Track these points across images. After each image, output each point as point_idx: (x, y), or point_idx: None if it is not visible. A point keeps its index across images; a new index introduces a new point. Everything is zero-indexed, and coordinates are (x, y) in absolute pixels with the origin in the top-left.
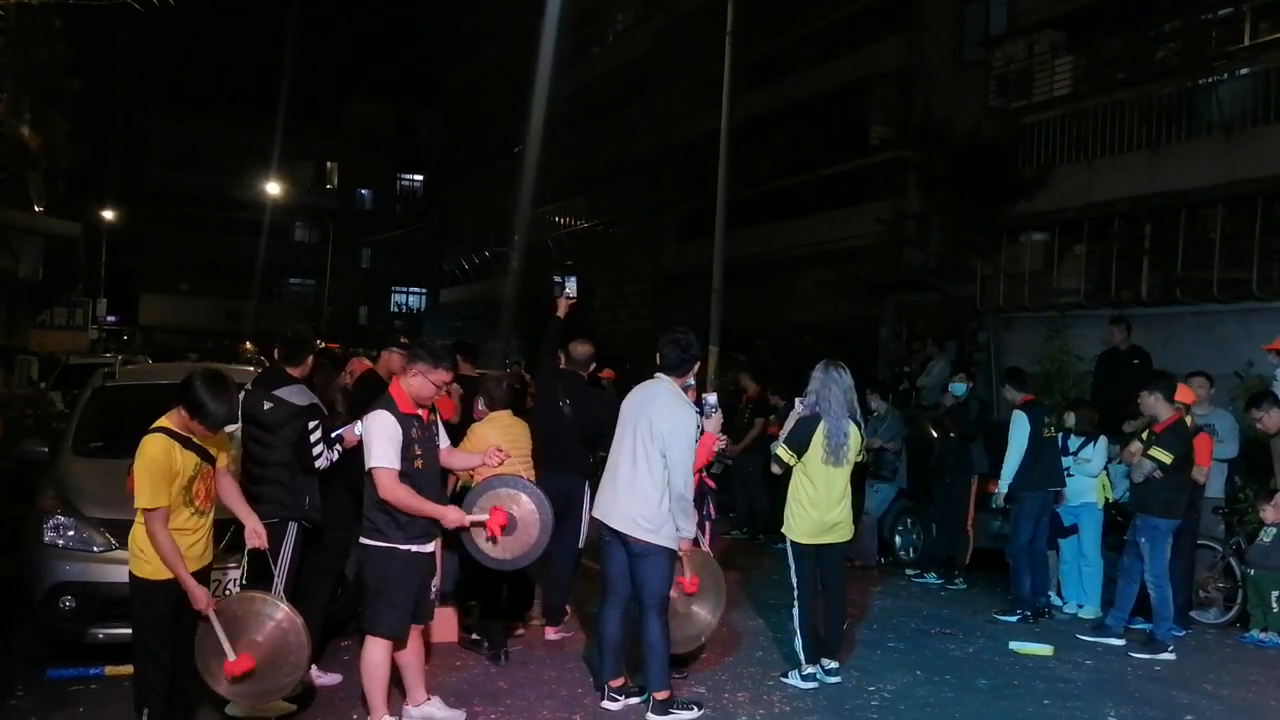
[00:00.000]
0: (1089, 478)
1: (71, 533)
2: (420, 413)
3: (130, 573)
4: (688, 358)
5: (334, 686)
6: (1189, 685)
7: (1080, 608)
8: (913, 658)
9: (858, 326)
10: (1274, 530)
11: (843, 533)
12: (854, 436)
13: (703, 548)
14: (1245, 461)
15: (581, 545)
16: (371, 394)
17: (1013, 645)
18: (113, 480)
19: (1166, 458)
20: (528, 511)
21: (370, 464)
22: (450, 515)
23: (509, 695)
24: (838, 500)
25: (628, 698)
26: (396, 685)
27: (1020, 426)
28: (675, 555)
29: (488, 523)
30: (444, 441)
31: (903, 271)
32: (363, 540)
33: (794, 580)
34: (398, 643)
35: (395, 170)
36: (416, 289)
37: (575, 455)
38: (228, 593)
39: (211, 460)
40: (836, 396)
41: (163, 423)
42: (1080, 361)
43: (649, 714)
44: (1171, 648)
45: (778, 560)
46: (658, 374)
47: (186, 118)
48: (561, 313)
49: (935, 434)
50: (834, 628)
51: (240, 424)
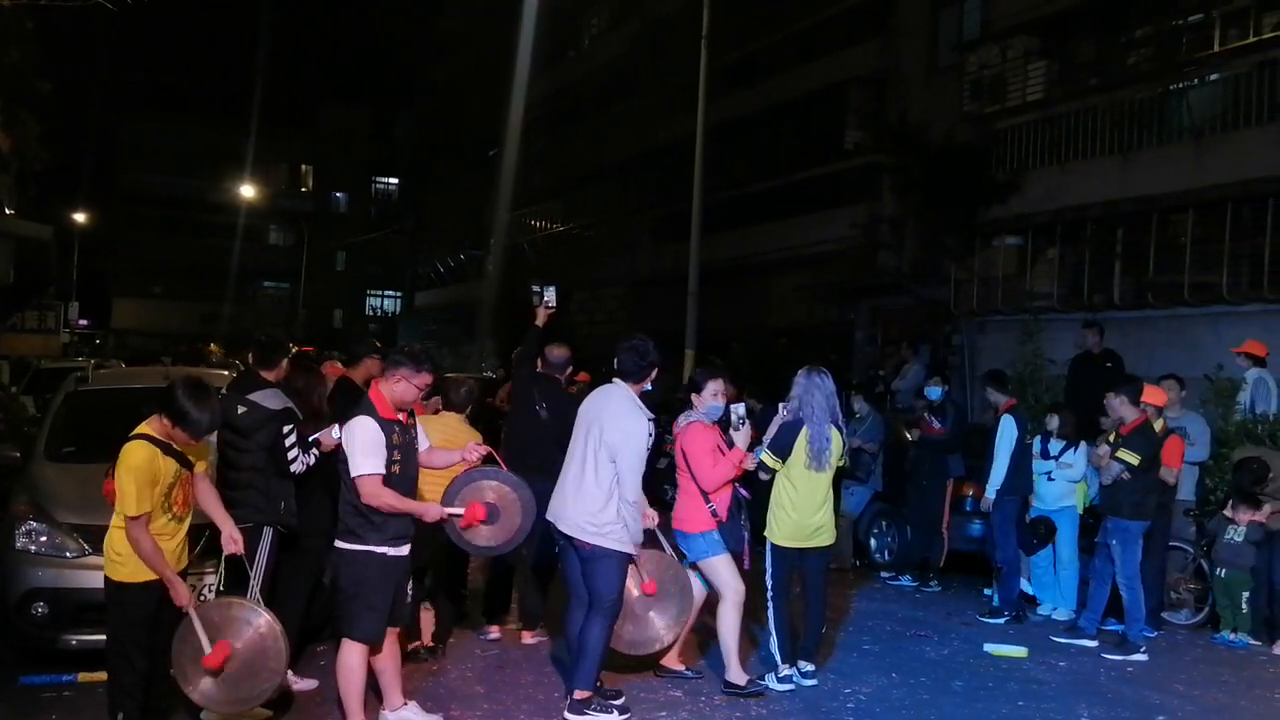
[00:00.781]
0: (1070, 482)
1: (44, 538)
2: (400, 417)
3: (106, 577)
4: (645, 364)
5: (310, 692)
6: (1161, 686)
7: (1055, 609)
8: (888, 660)
9: (833, 330)
10: (1242, 530)
11: (825, 537)
12: (836, 441)
13: (743, 565)
14: (1216, 464)
15: (558, 549)
16: (348, 400)
17: (987, 647)
18: (86, 485)
19: (1134, 459)
20: (509, 499)
21: (354, 472)
22: (431, 512)
23: (486, 700)
24: (820, 505)
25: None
26: (373, 690)
27: (1009, 431)
28: (626, 558)
29: (464, 517)
30: (423, 443)
31: (877, 275)
32: (338, 544)
33: (769, 583)
34: (374, 646)
35: (370, 173)
36: (392, 292)
37: (551, 459)
38: (204, 598)
39: (190, 466)
40: (819, 402)
41: (144, 429)
42: (1053, 365)
43: (566, 712)
44: (1144, 649)
45: (755, 563)
46: (614, 379)
47: (160, 120)
48: (540, 321)
49: (910, 437)
50: (812, 632)
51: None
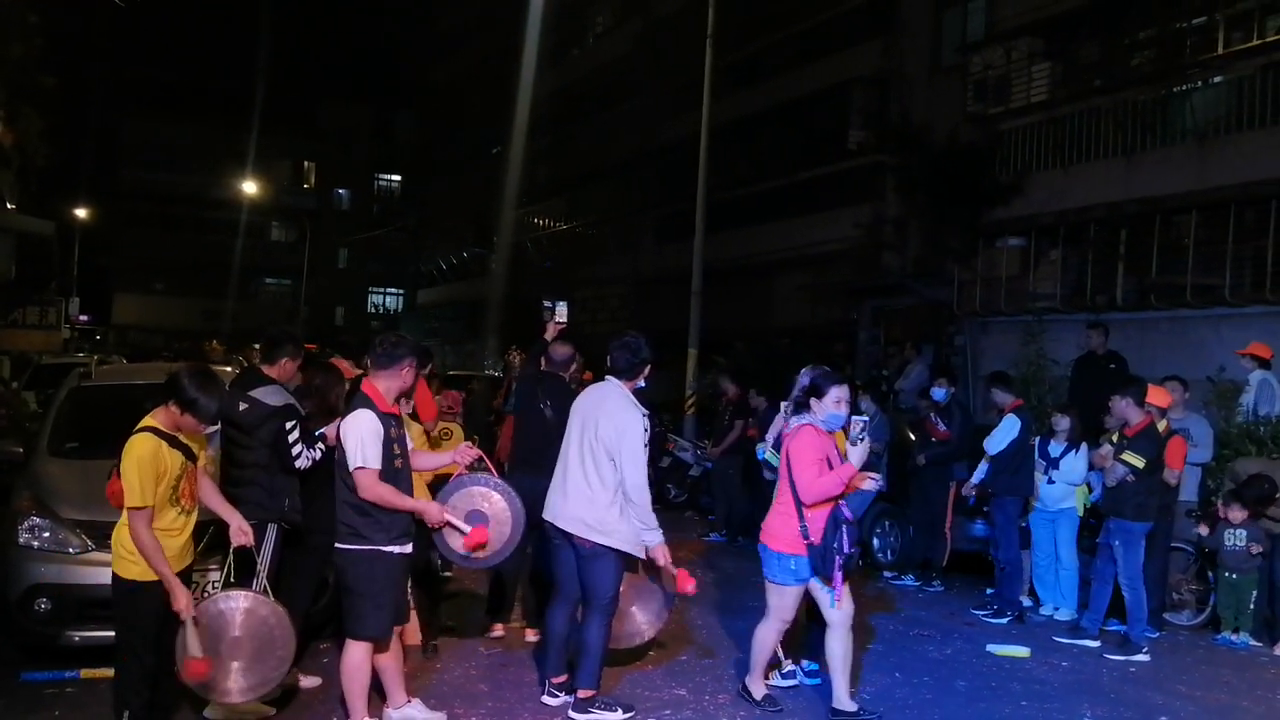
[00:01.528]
0: (1069, 485)
1: (47, 534)
2: (396, 411)
3: (115, 574)
4: (637, 361)
5: (313, 689)
6: (1163, 686)
7: (1056, 610)
8: (891, 659)
9: (836, 330)
10: (1243, 532)
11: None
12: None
13: (836, 593)
14: (1218, 465)
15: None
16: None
17: (990, 647)
18: (89, 481)
19: (1139, 461)
20: (499, 509)
21: (352, 465)
22: (432, 511)
23: (490, 698)
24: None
25: (569, 694)
26: (375, 689)
27: (1008, 427)
28: (624, 557)
29: (466, 540)
30: (409, 443)
31: (880, 275)
32: (340, 546)
33: None
34: (381, 645)
35: (373, 170)
36: (394, 289)
37: (556, 457)
38: (208, 593)
39: (194, 459)
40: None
41: (149, 421)
42: (1056, 366)
43: (570, 710)
44: (1146, 649)
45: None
46: (608, 376)
47: (163, 116)
48: (550, 336)
49: (914, 436)
50: (814, 627)
51: (219, 425)
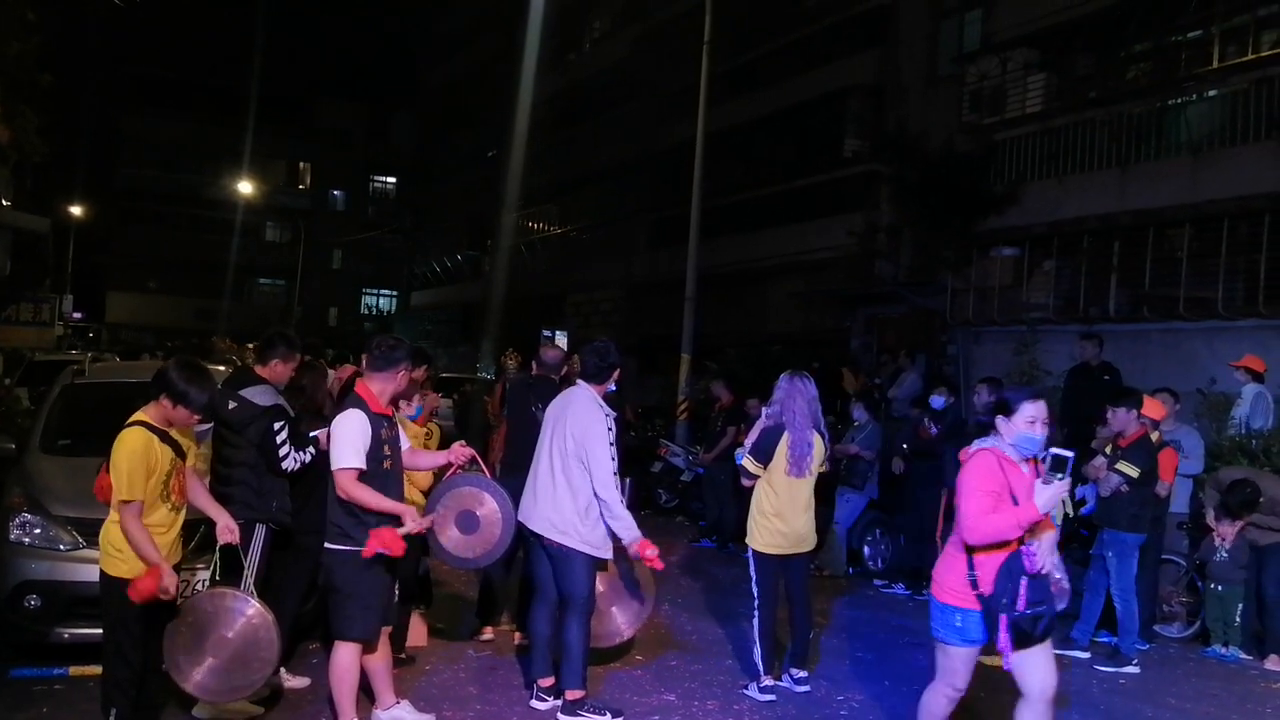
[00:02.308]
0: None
1: (38, 531)
2: (389, 412)
3: (102, 571)
4: (605, 365)
5: (302, 690)
6: (1153, 699)
7: None
8: (881, 668)
9: (828, 337)
10: (1231, 544)
11: (806, 543)
12: (817, 447)
13: (1006, 658)
14: (1209, 477)
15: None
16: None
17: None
18: (81, 478)
19: (1133, 471)
20: (490, 510)
21: (334, 465)
22: (407, 516)
23: (479, 700)
24: (801, 511)
25: (556, 698)
26: (364, 690)
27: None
28: (593, 559)
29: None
30: (405, 443)
31: (874, 284)
32: (329, 546)
33: (755, 590)
34: (369, 646)
35: (368, 172)
36: (387, 291)
37: None
38: (196, 592)
39: (184, 456)
40: (801, 407)
41: (140, 416)
42: (1048, 376)
43: (559, 714)
44: (1136, 661)
45: (747, 569)
46: (579, 381)
47: (159, 115)
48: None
49: (905, 445)
50: (799, 637)
51: (211, 423)
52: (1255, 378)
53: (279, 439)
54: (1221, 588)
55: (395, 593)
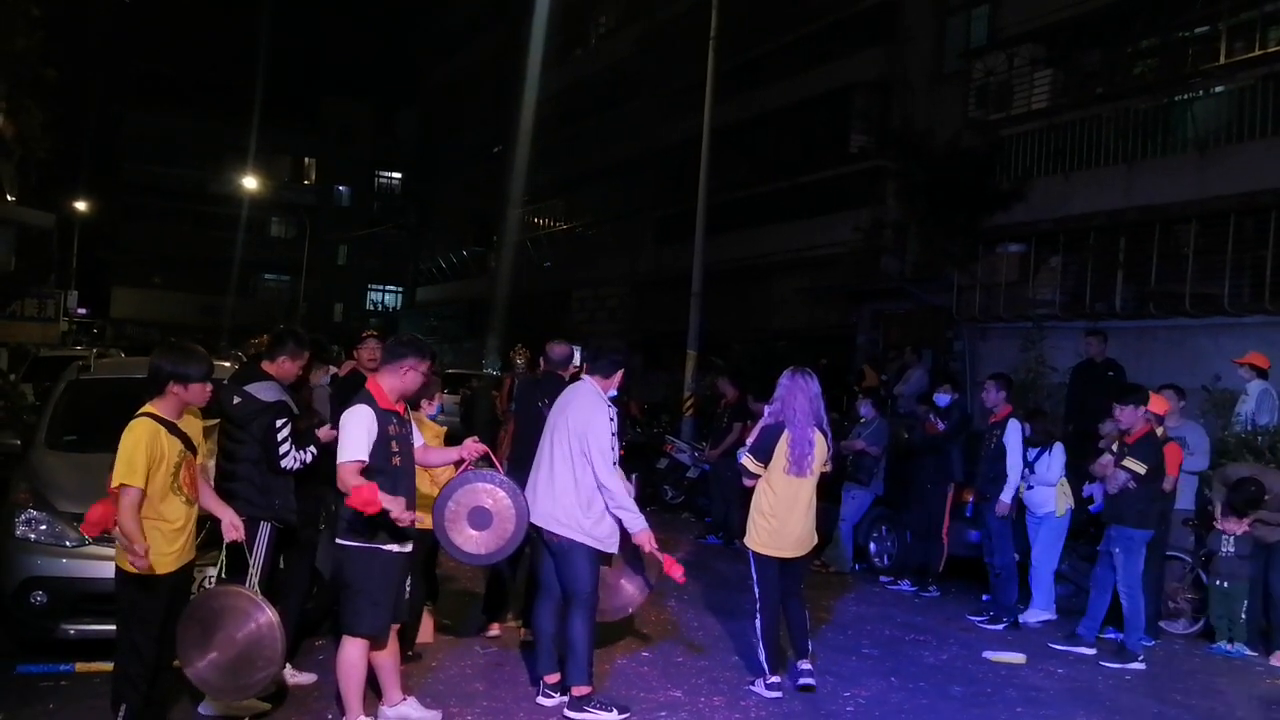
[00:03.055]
0: (1048, 486)
1: (44, 527)
2: (399, 409)
3: (118, 567)
4: (609, 361)
5: (308, 686)
6: (1159, 695)
7: (1024, 610)
8: (887, 664)
9: (834, 333)
10: (1234, 540)
11: (806, 544)
12: (819, 446)
13: None
14: (1215, 473)
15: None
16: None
17: (986, 653)
18: (87, 474)
19: (1140, 468)
20: (504, 505)
21: (339, 459)
22: (396, 508)
23: (485, 697)
24: (801, 511)
25: (563, 694)
26: (371, 686)
27: (1015, 433)
28: (596, 553)
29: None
30: (418, 440)
31: (880, 280)
32: (340, 541)
33: (755, 590)
34: (377, 643)
35: (373, 168)
36: (393, 287)
37: None
38: (203, 589)
39: (194, 450)
40: (802, 405)
41: (149, 408)
42: (1054, 373)
43: (565, 710)
44: (1141, 657)
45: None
46: (584, 376)
47: (164, 110)
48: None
49: (906, 435)
50: (799, 634)
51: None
52: (1260, 374)
53: (280, 436)
54: (1227, 584)
55: (409, 589)
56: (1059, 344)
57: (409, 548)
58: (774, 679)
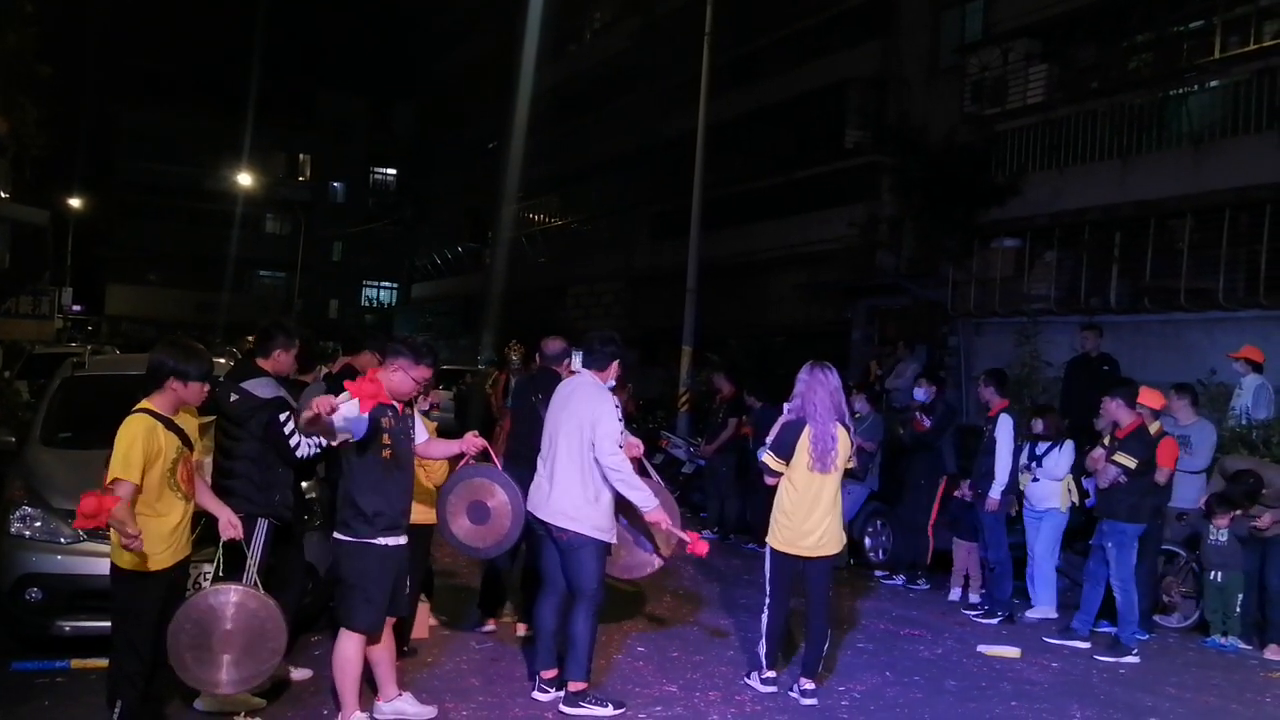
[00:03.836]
0: (1054, 481)
1: (39, 524)
2: (395, 403)
3: (112, 563)
4: (605, 354)
5: (304, 681)
6: (1153, 688)
7: (1030, 607)
8: (882, 659)
9: (830, 329)
10: (1226, 531)
11: (829, 546)
12: (843, 441)
13: None
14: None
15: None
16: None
17: (981, 647)
18: (82, 471)
19: (1130, 462)
20: (500, 502)
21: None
22: (321, 405)
23: (481, 692)
24: (825, 509)
25: (559, 690)
26: (367, 681)
27: (1006, 429)
28: (604, 547)
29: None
30: (420, 435)
31: (875, 275)
32: (336, 535)
33: (767, 587)
34: (372, 637)
35: (368, 164)
36: (388, 283)
37: None
38: (200, 586)
39: (191, 446)
40: (822, 399)
41: (145, 404)
42: (1049, 367)
43: (561, 705)
44: (1135, 651)
45: (749, 560)
46: (581, 369)
47: (158, 106)
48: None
49: (901, 431)
50: (814, 646)
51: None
52: (1255, 368)
53: (286, 430)
54: (1220, 577)
55: (408, 584)
56: (1054, 339)
57: (401, 540)
58: (769, 674)
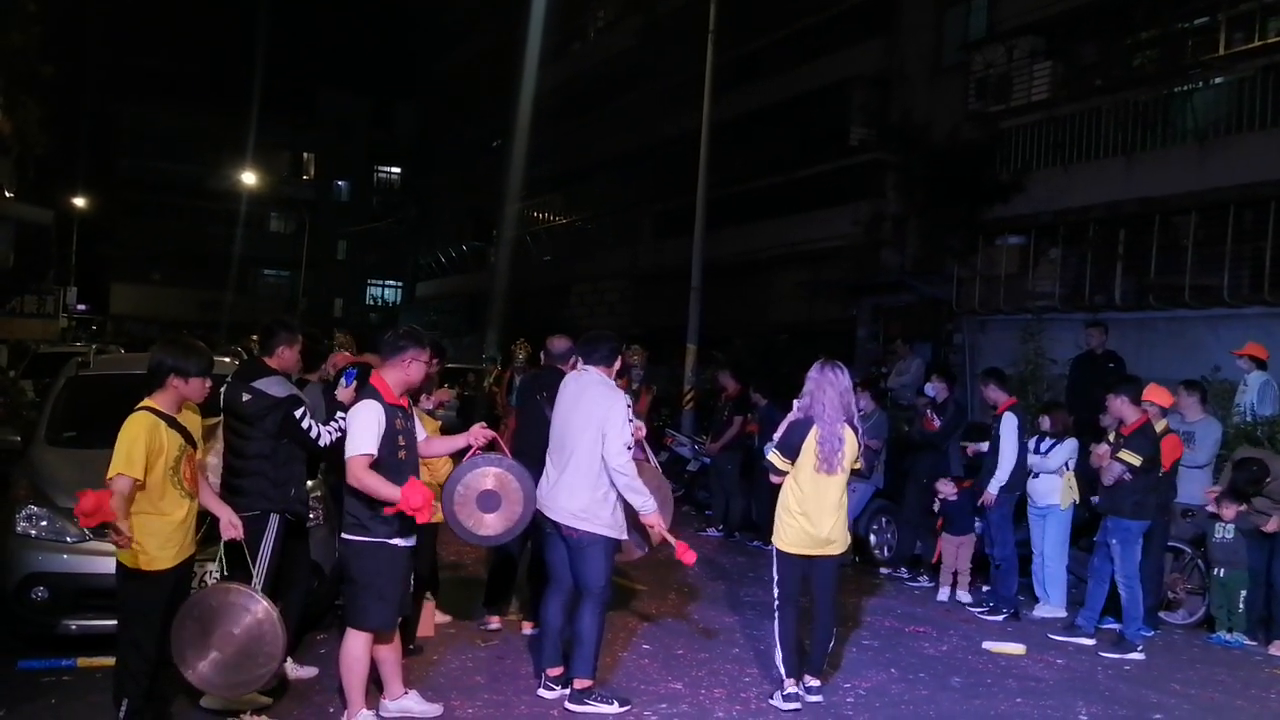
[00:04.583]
0: (1049, 475)
1: (45, 523)
2: (404, 403)
3: (119, 562)
4: (608, 350)
5: (310, 679)
6: (1158, 685)
7: (1038, 604)
8: (887, 655)
9: (834, 327)
10: (1232, 526)
11: (836, 546)
12: (850, 443)
13: None
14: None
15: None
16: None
17: (986, 644)
18: (87, 470)
19: (1135, 460)
20: (511, 488)
21: (347, 452)
22: (412, 498)
23: (486, 690)
24: (830, 510)
25: (564, 687)
26: (374, 679)
27: (1011, 427)
28: (613, 545)
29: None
30: (421, 432)
31: (879, 273)
32: (345, 535)
33: (775, 591)
34: (383, 637)
35: (372, 162)
36: (392, 282)
37: None
38: (204, 585)
39: (194, 444)
40: (831, 399)
41: (148, 402)
42: (1054, 364)
43: (567, 702)
44: (1140, 648)
45: (753, 558)
46: (585, 366)
47: (162, 105)
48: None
49: (907, 428)
50: (819, 645)
51: (220, 417)
52: (1259, 365)
53: (305, 424)
54: (1224, 573)
55: (412, 583)
56: (1059, 336)
57: (412, 541)
58: (791, 689)
